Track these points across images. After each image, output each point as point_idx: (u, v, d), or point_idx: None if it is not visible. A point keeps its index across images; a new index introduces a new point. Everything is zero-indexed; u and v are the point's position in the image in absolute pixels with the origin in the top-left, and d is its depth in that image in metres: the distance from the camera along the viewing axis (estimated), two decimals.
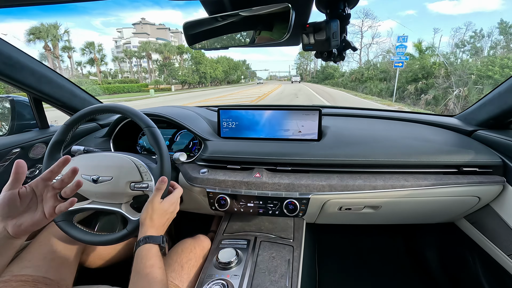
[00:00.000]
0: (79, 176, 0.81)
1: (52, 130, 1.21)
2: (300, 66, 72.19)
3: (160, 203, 0.73)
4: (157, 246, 0.68)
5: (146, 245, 0.67)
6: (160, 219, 0.73)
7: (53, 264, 0.82)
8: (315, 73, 40.34)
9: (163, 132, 1.18)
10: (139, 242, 0.68)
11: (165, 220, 0.75)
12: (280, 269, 0.82)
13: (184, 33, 0.69)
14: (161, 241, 0.69)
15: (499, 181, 0.92)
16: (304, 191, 0.93)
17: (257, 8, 0.58)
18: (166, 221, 0.75)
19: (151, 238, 0.68)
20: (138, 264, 0.64)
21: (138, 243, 0.68)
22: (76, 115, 0.86)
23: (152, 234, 0.69)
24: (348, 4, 0.60)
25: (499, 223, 0.94)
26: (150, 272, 0.62)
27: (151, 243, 0.67)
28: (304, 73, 62.36)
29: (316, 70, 39.43)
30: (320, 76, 40.12)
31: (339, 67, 35.35)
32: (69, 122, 0.86)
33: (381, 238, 1.64)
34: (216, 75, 44.78)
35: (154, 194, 0.73)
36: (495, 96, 0.99)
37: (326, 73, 37.67)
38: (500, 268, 0.95)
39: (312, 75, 52.16)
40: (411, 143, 1.01)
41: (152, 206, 0.72)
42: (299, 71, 65.37)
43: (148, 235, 0.68)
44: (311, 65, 63.42)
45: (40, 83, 1.06)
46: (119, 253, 1.06)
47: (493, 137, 0.99)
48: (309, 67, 64.76)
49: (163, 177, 0.75)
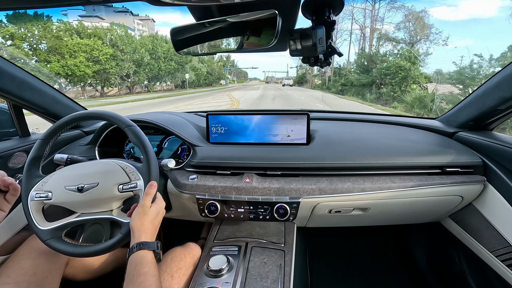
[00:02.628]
0: (62, 189, 0.78)
1: (33, 138, 1.16)
2: (302, 64, 56.89)
3: (150, 207, 0.72)
4: (151, 253, 0.66)
5: (140, 251, 0.65)
6: (151, 224, 0.71)
7: (35, 279, 0.78)
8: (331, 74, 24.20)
9: (150, 138, 1.16)
10: (132, 249, 0.66)
11: (156, 224, 0.73)
12: (272, 274, 0.82)
13: (171, 38, 0.69)
14: (156, 247, 0.67)
15: (480, 180, 0.95)
16: (294, 195, 0.94)
17: (244, 14, 0.59)
18: (156, 226, 0.74)
19: (145, 244, 0.66)
20: (131, 271, 0.62)
21: (131, 250, 0.66)
22: (52, 127, 0.82)
23: (146, 240, 0.67)
24: (333, 11, 0.62)
25: (482, 221, 0.97)
26: (144, 280, 0.60)
27: (145, 249, 0.65)
28: (308, 74, 38.95)
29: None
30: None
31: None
32: (45, 136, 0.82)
33: (370, 239, 1.66)
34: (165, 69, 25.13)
35: (144, 199, 0.72)
36: (474, 99, 1.04)
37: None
38: (484, 264, 0.98)
39: (321, 76, 29.97)
40: (397, 145, 1.04)
41: (143, 211, 0.70)
42: (301, 70, 44.66)
43: (142, 241, 0.66)
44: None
45: (21, 90, 1.02)
46: (105, 264, 1.02)
47: (473, 138, 1.03)
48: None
49: (152, 182, 0.74)
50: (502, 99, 0.90)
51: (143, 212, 0.70)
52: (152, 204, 0.73)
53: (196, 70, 34.28)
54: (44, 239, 0.77)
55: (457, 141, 1.09)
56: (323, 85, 26.41)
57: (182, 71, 29.28)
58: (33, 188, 0.79)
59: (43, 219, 0.80)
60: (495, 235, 0.91)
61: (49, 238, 0.77)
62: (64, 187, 0.78)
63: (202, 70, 36.10)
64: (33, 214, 0.78)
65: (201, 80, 36.37)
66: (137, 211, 0.71)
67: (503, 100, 0.90)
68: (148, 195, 0.72)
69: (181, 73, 29.03)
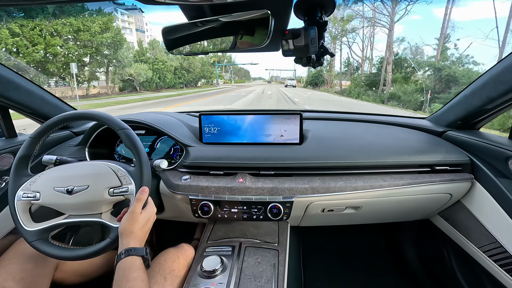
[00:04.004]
0: (51, 190, 0.76)
1: (20, 139, 1.13)
2: None
3: (140, 214, 0.71)
4: (140, 259, 0.65)
5: (129, 257, 0.64)
6: (141, 230, 0.70)
7: (23, 284, 0.76)
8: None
9: (142, 139, 1.15)
10: (120, 255, 0.65)
11: (146, 231, 0.72)
12: (266, 274, 0.82)
13: (163, 38, 0.68)
14: (145, 253, 0.66)
15: (468, 178, 0.98)
16: (287, 195, 0.94)
17: (237, 14, 0.59)
18: (146, 232, 0.73)
19: (134, 250, 0.65)
20: (120, 277, 0.61)
21: (120, 256, 0.65)
22: (42, 126, 0.80)
23: (134, 246, 0.66)
24: (325, 12, 0.63)
25: (470, 218, 1.00)
26: (133, 286, 0.59)
27: (134, 255, 0.65)
28: (324, 73, 28.70)
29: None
30: None
31: None
32: (35, 135, 0.80)
33: (362, 237, 1.68)
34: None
35: (134, 205, 0.70)
36: (461, 99, 1.06)
37: None
38: (473, 260, 1.01)
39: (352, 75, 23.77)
40: (388, 144, 1.05)
41: (133, 217, 0.69)
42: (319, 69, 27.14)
43: (131, 247, 0.66)
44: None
45: (7, 89, 0.99)
46: (96, 268, 1.00)
47: (461, 137, 1.06)
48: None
49: (144, 187, 0.73)
50: (488, 99, 0.92)
51: (133, 219, 0.69)
52: (142, 210, 0.72)
53: (155, 63, 22.58)
54: (30, 241, 0.75)
55: (446, 140, 1.12)
56: (361, 88, 16.21)
57: (119, 66, 18.17)
58: (21, 187, 0.78)
59: (29, 219, 0.78)
60: (483, 231, 0.94)
61: (35, 240, 0.75)
62: (53, 188, 0.76)
63: (168, 65, 23.60)
64: (19, 214, 0.76)
65: (168, 79, 24.29)
66: (127, 217, 0.69)
67: (489, 100, 0.92)
68: (139, 201, 0.71)
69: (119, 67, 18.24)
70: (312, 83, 33.55)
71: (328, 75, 28.30)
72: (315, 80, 32.57)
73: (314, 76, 33.10)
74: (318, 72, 29.91)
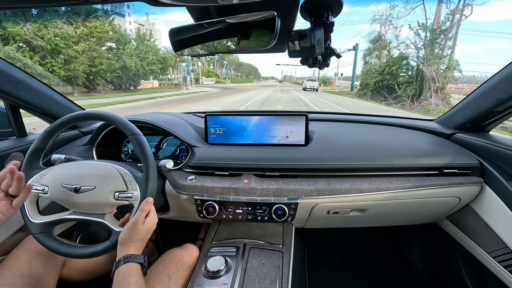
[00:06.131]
0: (59, 186, 0.77)
1: (30, 138, 1.16)
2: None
3: (142, 224, 0.70)
4: (139, 266, 0.66)
5: (128, 264, 0.65)
6: (141, 241, 0.71)
7: (31, 280, 0.77)
8: None
9: (149, 139, 1.16)
10: (119, 262, 0.65)
11: (145, 240, 0.73)
12: (270, 276, 0.82)
13: (170, 39, 0.69)
14: (143, 260, 0.67)
15: (477, 181, 0.96)
16: (292, 196, 0.94)
17: (243, 15, 0.59)
18: (145, 242, 0.73)
19: (133, 257, 0.66)
20: (119, 282, 0.62)
21: (118, 263, 0.65)
22: (57, 122, 0.82)
23: (133, 253, 0.67)
24: (332, 13, 0.63)
25: (479, 223, 0.98)
26: None
27: (132, 262, 0.65)
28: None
29: None
30: None
31: None
32: (50, 129, 0.82)
33: (368, 240, 1.66)
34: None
35: (137, 215, 0.70)
36: (471, 100, 1.04)
37: None
38: (481, 265, 0.99)
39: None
40: (394, 147, 1.04)
41: (135, 228, 0.69)
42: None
43: (130, 254, 0.67)
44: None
45: (18, 90, 1.02)
46: (102, 266, 1.01)
47: (470, 139, 1.04)
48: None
49: (148, 198, 0.73)
50: (499, 100, 0.90)
51: (135, 230, 0.69)
52: (145, 219, 0.72)
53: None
54: (34, 233, 0.77)
55: (455, 142, 1.10)
56: None
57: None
58: (31, 179, 0.80)
59: (36, 212, 0.80)
60: (493, 236, 0.92)
61: (39, 232, 0.77)
62: (61, 185, 0.78)
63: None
64: (27, 205, 0.79)
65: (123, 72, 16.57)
66: (128, 227, 0.69)
67: (500, 102, 0.90)
68: (142, 211, 0.71)
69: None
70: (378, 89, 16.07)
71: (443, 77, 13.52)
72: (392, 83, 15.21)
73: (387, 74, 15.28)
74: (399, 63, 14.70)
